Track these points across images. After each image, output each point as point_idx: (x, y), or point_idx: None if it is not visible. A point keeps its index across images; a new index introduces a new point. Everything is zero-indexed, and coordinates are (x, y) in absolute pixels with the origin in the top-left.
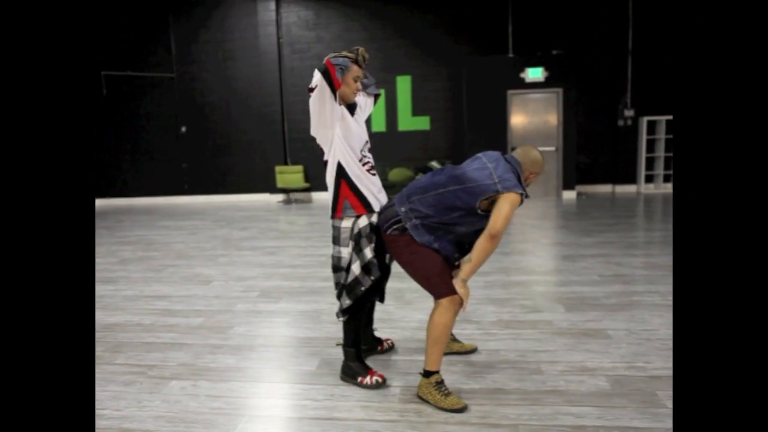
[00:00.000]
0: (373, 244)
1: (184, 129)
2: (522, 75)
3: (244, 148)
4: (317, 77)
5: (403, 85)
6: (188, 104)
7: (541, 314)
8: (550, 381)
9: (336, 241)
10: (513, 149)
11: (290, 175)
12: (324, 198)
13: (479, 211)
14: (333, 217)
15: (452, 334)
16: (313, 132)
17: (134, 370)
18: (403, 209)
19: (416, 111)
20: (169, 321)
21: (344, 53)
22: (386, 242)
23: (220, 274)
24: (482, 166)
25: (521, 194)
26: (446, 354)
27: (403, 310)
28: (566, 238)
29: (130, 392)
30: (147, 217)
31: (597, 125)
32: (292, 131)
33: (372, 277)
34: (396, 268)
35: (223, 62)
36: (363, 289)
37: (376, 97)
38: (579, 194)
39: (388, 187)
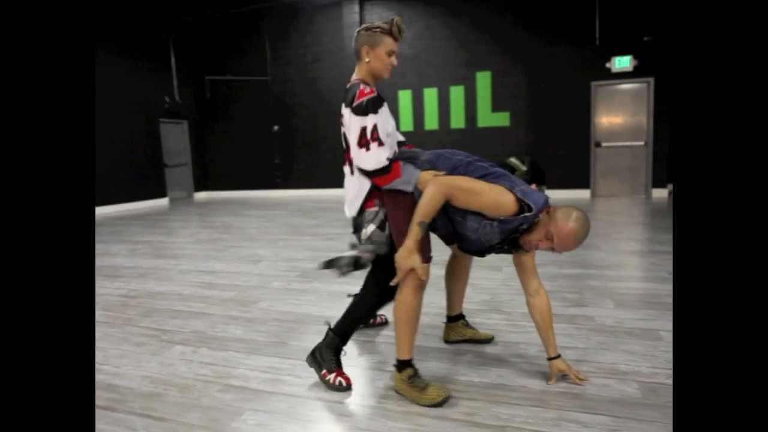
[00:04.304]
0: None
1: (276, 128)
2: (608, 65)
3: (329, 145)
4: (372, 163)
5: (483, 80)
6: (280, 104)
7: (584, 309)
8: (566, 382)
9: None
10: (597, 145)
11: None
12: None
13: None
14: None
15: (466, 320)
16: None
17: (151, 333)
18: (419, 156)
19: (496, 107)
20: (206, 293)
21: (378, 23)
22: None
23: (272, 255)
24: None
25: (515, 194)
26: (458, 342)
27: None
28: (641, 234)
29: (136, 353)
30: (238, 207)
31: None
32: None
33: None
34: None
35: (311, 64)
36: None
37: None
38: (671, 192)
39: None
